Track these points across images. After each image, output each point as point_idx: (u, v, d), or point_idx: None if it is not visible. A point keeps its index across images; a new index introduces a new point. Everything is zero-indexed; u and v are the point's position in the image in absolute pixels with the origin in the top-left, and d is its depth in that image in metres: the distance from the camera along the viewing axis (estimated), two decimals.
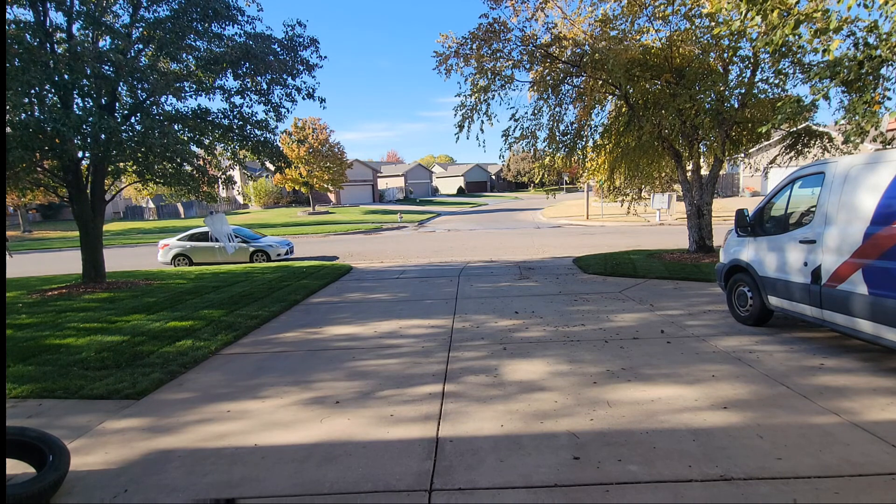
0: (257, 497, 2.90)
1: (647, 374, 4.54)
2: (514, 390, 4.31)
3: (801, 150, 12.38)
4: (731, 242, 6.48)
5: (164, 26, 9.47)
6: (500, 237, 21.52)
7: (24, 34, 8.41)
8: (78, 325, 7.19)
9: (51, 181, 10.78)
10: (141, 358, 5.52)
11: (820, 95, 6.38)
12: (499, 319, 6.81)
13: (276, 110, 11.49)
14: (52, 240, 32.67)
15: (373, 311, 7.67)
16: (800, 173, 5.50)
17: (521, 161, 64.79)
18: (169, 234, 21.03)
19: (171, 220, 46.23)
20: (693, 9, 9.50)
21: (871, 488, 2.74)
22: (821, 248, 4.82)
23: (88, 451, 3.52)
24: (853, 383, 4.15)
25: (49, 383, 4.77)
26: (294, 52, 11.10)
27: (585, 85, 11.31)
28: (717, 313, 6.68)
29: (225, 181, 12.20)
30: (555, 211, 35.38)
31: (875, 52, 5.99)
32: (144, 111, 9.93)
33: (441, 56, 11.02)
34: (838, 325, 4.68)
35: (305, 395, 4.41)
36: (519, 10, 10.87)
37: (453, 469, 3.10)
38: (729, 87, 10.43)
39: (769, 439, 3.28)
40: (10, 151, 7.88)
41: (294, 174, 41.42)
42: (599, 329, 6.13)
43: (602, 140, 12.98)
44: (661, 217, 25.37)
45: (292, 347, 5.96)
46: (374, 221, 34.77)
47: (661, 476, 2.91)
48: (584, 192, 31.90)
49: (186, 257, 16.13)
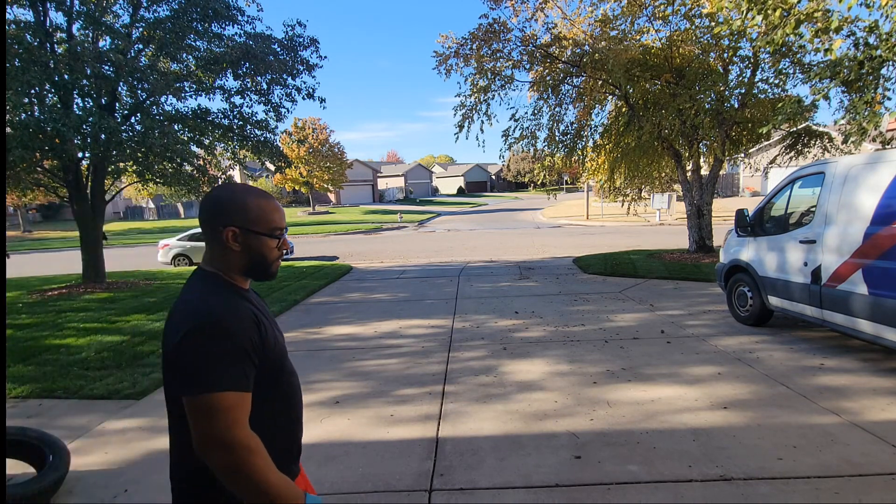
0: None
1: (647, 374, 4.54)
2: (514, 390, 4.31)
3: (801, 150, 12.39)
4: (731, 242, 6.48)
5: (164, 26, 9.47)
6: (500, 237, 21.51)
7: (24, 34, 8.41)
8: (78, 325, 7.19)
9: (51, 181, 10.78)
10: (141, 358, 5.52)
11: (820, 95, 6.38)
12: (499, 319, 6.81)
13: (276, 110, 11.48)
14: (52, 240, 32.66)
15: (373, 311, 7.67)
16: (800, 173, 5.50)
17: (521, 161, 64.75)
18: (169, 234, 21.02)
19: (171, 220, 46.24)
20: (693, 9, 9.50)
21: (871, 488, 2.74)
22: (821, 248, 4.82)
23: (88, 451, 3.52)
24: (853, 383, 4.16)
25: (49, 383, 4.77)
26: (294, 52, 11.09)
27: (585, 85, 11.31)
28: (717, 313, 6.68)
29: (225, 181, 12.20)
30: (555, 211, 35.38)
31: (875, 52, 5.99)
32: (144, 111, 9.93)
33: (441, 56, 11.02)
34: (838, 325, 4.68)
35: (305, 395, 4.37)
36: (519, 11, 10.88)
37: (453, 469, 3.10)
38: (729, 87, 10.43)
39: (769, 439, 3.28)
40: (10, 151, 7.88)
41: (294, 174, 41.41)
42: (599, 329, 6.13)
43: (602, 140, 12.98)
44: (661, 217, 25.37)
45: (292, 347, 5.96)
46: (374, 221, 34.77)
47: (661, 476, 2.91)
48: (584, 192, 31.89)
49: (186, 257, 16.12)
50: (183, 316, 1.20)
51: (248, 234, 1.29)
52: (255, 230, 1.30)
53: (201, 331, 1.14)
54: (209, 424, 1.11)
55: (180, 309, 1.23)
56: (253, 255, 1.31)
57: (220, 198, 1.31)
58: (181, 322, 1.18)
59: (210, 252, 1.33)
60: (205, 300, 1.22)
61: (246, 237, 1.29)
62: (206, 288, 1.27)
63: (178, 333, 1.16)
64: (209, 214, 1.30)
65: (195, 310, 1.19)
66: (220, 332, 1.16)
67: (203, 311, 1.18)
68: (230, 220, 1.28)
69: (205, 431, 1.11)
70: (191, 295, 1.26)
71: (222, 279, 1.30)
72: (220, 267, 1.31)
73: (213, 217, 1.29)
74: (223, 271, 1.31)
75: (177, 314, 1.23)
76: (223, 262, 1.31)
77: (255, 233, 1.30)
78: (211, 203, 1.31)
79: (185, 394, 1.14)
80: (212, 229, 1.29)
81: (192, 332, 1.14)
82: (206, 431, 1.11)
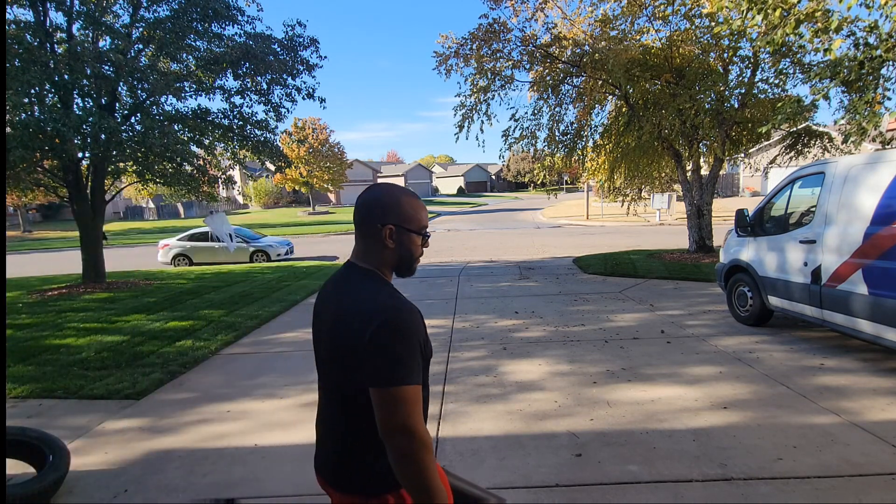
0: (257, 497, 2.90)
1: (647, 374, 4.54)
2: (514, 390, 4.31)
3: (801, 150, 12.38)
4: (731, 242, 6.48)
5: (164, 26, 9.47)
6: (500, 237, 21.51)
7: (24, 34, 8.42)
8: (78, 325, 7.19)
9: (51, 181, 10.77)
10: (141, 358, 5.52)
11: (820, 95, 6.38)
12: (499, 319, 6.81)
13: (276, 110, 11.48)
14: (52, 240, 32.67)
15: None
16: (800, 173, 5.49)
17: (521, 161, 64.75)
18: (169, 234, 21.03)
19: (171, 220, 46.25)
20: (693, 9, 9.50)
21: (871, 488, 2.74)
22: (821, 248, 4.82)
23: (88, 451, 3.52)
24: (853, 383, 4.16)
25: (49, 383, 4.77)
26: (294, 52, 11.09)
27: (585, 85, 11.31)
28: (717, 313, 6.68)
29: (225, 181, 12.20)
30: (555, 211, 35.38)
31: (875, 52, 5.98)
32: (144, 111, 9.93)
33: (441, 56, 11.02)
34: (838, 325, 4.68)
35: (305, 395, 4.40)
36: (519, 11, 10.87)
37: (454, 469, 3.09)
38: (729, 87, 10.43)
39: (769, 439, 3.28)
40: (11, 151, 7.88)
41: (294, 174, 41.46)
42: (599, 329, 6.13)
43: (602, 140, 12.97)
44: (661, 217, 25.37)
45: (293, 347, 5.96)
46: None
47: (661, 476, 2.91)
48: (584, 192, 31.90)
49: (186, 257, 16.13)
50: (367, 313, 1.26)
51: (402, 232, 1.37)
52: (408, 228, 1.38)
53: (390, 327, 1.23)
54: (396, 413, 1.21)
55: (359, 305, 1.30)
56: (403, 252, 1.40)
57: (380, 198, 1.39)
58: (368, 318, 1.25)
59: (365, 248, 1.40)
60: (384, 298, 1.30)
61: (400, 235, 1.37)
62: (374, 286, 1.34)
63: (368, 329, 1.23)
64: (370, 213, 1.38)
65: (381, 307, 1.26)
66: (406, 328, 1.25)
67: (388, 307, 1.26)
68: (389, 218, 1.36)
69: (392, 419, 1.21)
70: (364, 292, 1.33)
71: (379, 276, 1.38)
72: (374, 263, 1.39)
73: (374, 216, 1.37)
74: (377, 268, 1.39)
75: (354, 310, 1.30)
76: (378, 258, 1.39)
77: (408, 230, 1.38)
78: (372, 202, 1.39)
79: (376, 386, 1.23)
80: (371, 227, 1.37)
81: (382, 328, 1.23)
82: (393, 419, 1.21)
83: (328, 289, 1.45)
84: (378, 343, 1.22)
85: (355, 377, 1.28)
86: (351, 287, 1.36)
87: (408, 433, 1.20)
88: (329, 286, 1.45)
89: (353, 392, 1.31)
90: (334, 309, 1.37)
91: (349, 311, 1.31)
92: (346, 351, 1.30)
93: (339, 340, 1.32)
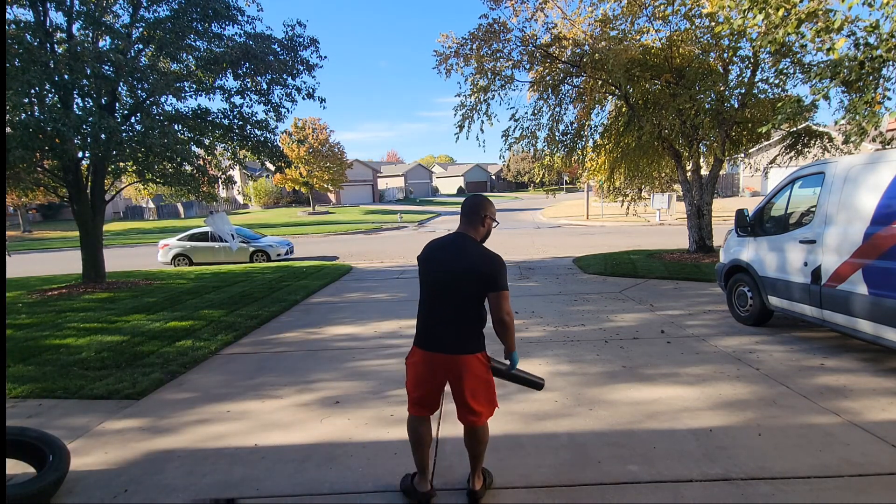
0: (257, 497, 2.90)
1: (648, 374, 4.54)
2: (513, 390, 4.28)
3: (801, 150, 12.38)
4: (731, 242, 6.48)
5: (164, 26, 9.47)
6: (499, 237, 21.49)
7: (24, 34, 8.41)
8: (78, 325, 7.19)
9: (51, 181, 10.78)
10: (141, 358, 5.52)
11: (820, 95, 6.37)
12: None
13: (276, 110, 11.49)
14: (52, 240, 32.67)
15: (373, 311, 7.67)
16: (800, 173, 5.49)
17: (521, 161, 64.71)
18: (169, 234, 21.04)
19: (171, 220, 46.24)
20: (693, 9, 9.50)
21: (871, 488, 2.74)
22: (821, 248, 4.82)
23: (88, 451, 3.52)
24: (853, 383, 4.15)
25: (49, 383, 4.77)
26: (294, 52, 11.09)
27: (585, 85, 11.31)
28: (717, 313, 6.68)
29: (225, 181, 12.20)
30: (555, 211, 35.38)
31: (875, 53, 5.98)
32: (144, 111, 9.93)
33: (441, 56, 11.01)
34: (838, 325, 4.68)
35: (305, 395, 4.41)
36: (519, 11, 10.87)
37: (453, 469, 3.10)
38: (729, 87, 10.42)
39: (769, 439, 3.28)
40: (11, 151, 7.87)
41: (294, 174, 41.43)
42: (599, 329, 6.13)
43: (602, 140, 12.97)
44: (661, 217, 25.37)
45: (292, 347, 5.96)
46: (374, 221, 34.77)
47: (661, 476, 2.91)
48: (584, 192, 31.89)
49: (186, 257, 16.13)
50: (486, 257, 2.55)
51: (491, 221, 2.72)
52: (493, 219, 2.73)
53: (498, 263, 2.54)
54: (506, 304, 2.54)
55: (480, 253, 2.57)
56: (488, 233, 2.73)
57: (484, 200, 2.71)
58: (488, 259, 2.54)
59: (473, 228, 2.67)
60: (489, 252, 2.59)
61: (490, 224, 2.72)
62: (480, 246, 2.64)
63: (489, 265, 2.52)
64: (479, 208, 2.68)
65: (492, 255, 2.57)
66: (503, 264, 2.57)
67: (495, 255, 2.57)
68: (489, 213, 2.70)
69: (504, 307, 2.53)
70: (479, 248, 2.60)
71: (479, 242, 2.67)
72: (475, 235, 2.67)
73: (481, 210, 2.68)
74: (479, 239, 2.67)
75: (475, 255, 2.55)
76: (478, 234, 2.68)
77: (493, 220, 2.73)
78: (480, 202, 2.70)
79: (496, 290, 2.52)
80: (478, 217, 2.67)
81: (499, 263, 2.54)
82: (504, 307, 2.53)
83: (444, 243, 2.65)
84: (495, 270, 2.51)
85: (472, 290, 2.53)
86: (468, 244, 2.60)
87: (510, 314, 2.55)
88: (446, 243, 2.65)
89: (464, 300, 2.55)
90: (459, 255, 2.55)
91: (474, 256, 2.54)
92: (470, 275, 2.51)
93: (466, 271, 2.51)
